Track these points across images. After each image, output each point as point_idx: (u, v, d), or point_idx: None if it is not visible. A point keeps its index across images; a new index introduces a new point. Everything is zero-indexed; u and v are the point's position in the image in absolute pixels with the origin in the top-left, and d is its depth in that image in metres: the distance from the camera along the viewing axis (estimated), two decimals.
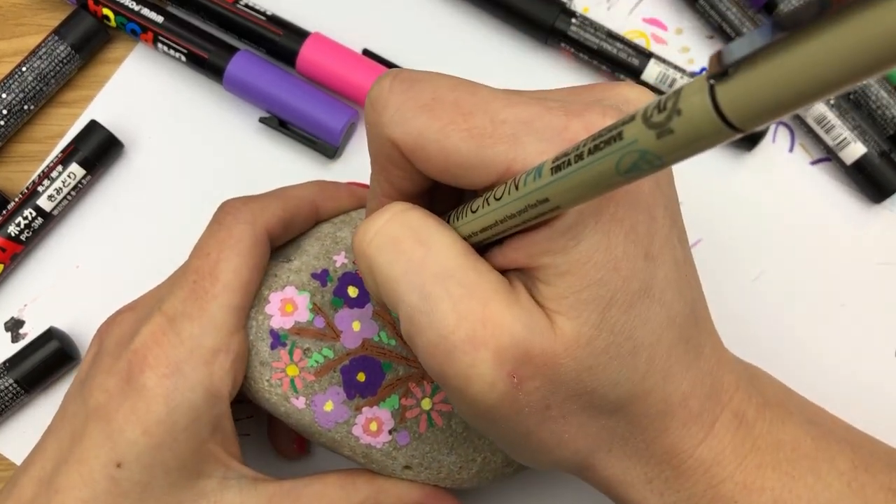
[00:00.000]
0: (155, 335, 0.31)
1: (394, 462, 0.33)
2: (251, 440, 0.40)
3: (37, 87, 0.42)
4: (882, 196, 0.41)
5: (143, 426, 0.30)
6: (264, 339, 0.33)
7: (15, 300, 0.42)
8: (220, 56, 0.41)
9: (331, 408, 0.33)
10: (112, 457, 0.30)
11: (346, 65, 0.41)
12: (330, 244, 0.34)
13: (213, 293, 0.31)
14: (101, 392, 0.30)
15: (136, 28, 0.42)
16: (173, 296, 0.31)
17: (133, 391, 0.30)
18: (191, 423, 0.30)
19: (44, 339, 0.40)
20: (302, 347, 0.33)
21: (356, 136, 0.43)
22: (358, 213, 0.35)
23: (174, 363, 0.30)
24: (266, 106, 0.42)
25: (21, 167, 0.43)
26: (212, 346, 0.31)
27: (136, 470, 0.30)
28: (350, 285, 0.33)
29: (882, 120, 0.40)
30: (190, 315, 0.31)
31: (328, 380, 0.33)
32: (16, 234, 0.40)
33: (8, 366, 0.40)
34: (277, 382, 0.32)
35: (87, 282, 0.42)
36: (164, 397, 0.30)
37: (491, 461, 0.34)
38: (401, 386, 0.33)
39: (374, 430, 0.33)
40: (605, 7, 0.44)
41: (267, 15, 0.42)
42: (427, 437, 0.33)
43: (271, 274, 0.33)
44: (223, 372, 0.31)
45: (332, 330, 0.33)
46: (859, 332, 0.41)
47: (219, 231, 0.32)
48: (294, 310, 0.33)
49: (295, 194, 0.34)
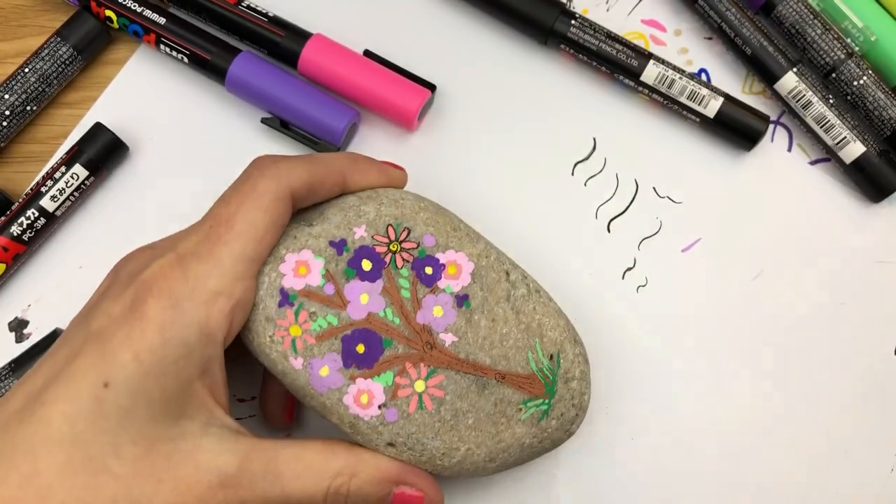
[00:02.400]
0: (163, 269, 0.31)
1: (378, 437, 0.34)
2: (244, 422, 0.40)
3: (39, 87, 0.42)
4: (881, 195, 0.41)
5: (134, 351, 0.30)
6: (273, 296, 0.33)
7: (19, 300, 0.42)
8: (222, 57, 0.42)
9: (326, 373, 0.33)
10: (101, 377, 0.30)
11: (348, 66, 0.42)
12: (353, 216, 0.35)
13: (224, 239, 0.32)
14: (104, 316, 0.31)
15: (138, 29, 0.42)
16: (188, 238, 0.32)
17: (133, 317, 0.30)
18: (180, 358, 0.31)
19: (49, 340, 0.40)
20: (308, 310, 0.33)
21: (358, 137, 0.43)
22: (385, 191, 0.36)
23: (175, 297, 0.31)
24: (268, 107, 0.42)
25: (24, 168, 0.43)
26: (213, 288, 0.31)
27: (122, 393, 0.30)
28: (365, 258, 0.34)
29: (879, 121, 0.41)
30: (199, 255, 0.32)
31: (328, 345, 0.33)
32: (18, 234, 0.40)
33: (13, 367, 0.40)
34: (279, 340, 0.33)
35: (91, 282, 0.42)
36: (160, 327, 0.30)
37: (474, 454, 0.34)
38: (398, 364, 0.34)
39: (365, 402, 0.33)
40: (605, 8, 0.44)
41: (269, 16, 0.42)
42: (415, 418, 0.34)
43: (290, 235, 0.34)
44: (221, 315, 0.31)
45: (340, 298, 0.34)
46: (859, 331, 0.41)
47: (244, 184, 0.33)
48: (307, 272, 0.34)
49: (326, 161, 0.35)
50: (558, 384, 0.35)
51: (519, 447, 0.35)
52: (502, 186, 0.42)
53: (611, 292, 0.42)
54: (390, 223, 0.35)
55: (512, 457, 0.35)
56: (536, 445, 0.35)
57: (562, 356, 0.35)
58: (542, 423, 0.35)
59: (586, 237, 0.42)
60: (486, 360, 0.34)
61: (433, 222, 0.35)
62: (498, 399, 0.34)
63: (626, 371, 0.41)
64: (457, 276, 0.35)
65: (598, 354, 0.40)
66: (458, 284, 0.35)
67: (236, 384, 0.34)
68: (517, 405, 0.35)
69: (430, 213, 0.35)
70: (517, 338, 0.35)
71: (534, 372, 0.35)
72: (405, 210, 0.35)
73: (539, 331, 0.35)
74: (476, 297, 0.35)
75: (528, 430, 0.35)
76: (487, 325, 0.35)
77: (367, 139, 0.43)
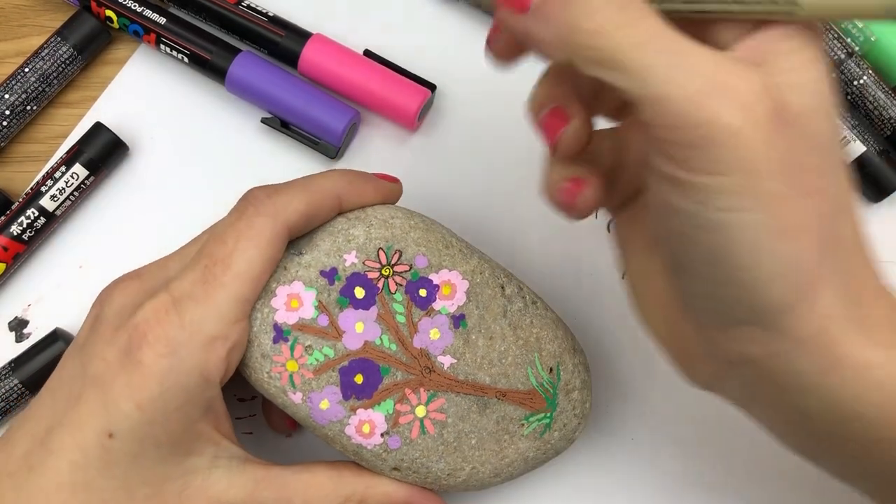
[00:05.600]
0: (158, 313, 0.31)
1: (383, 463, 0.34)
2: (245, 421, 0.40)
3: (39, 87, 0.42)
4: (881, 195, 0.41)
5: (136, 401, 0.30)
6: (267, 332, 0.33)
7: (19, 300, 0.42)
8: (222, 57, 0.42)
9: (326, 406, 0.33)
10: (105, 426, 0.30)
11: (348, 65, 0.42)
12: (342, 241, 0.34)
13: (222, 281, 0.31)
14: (99, 360, 0.31)
15: (138, 29, 0.42)
16: (183, 277, 0.32)
17: (130, 365, 0.30)
18: (183, 404, 0.31)
19: (49, 340, 0.40)
20: (303, 344, 0.33)
21: (358, 137, 0.43)
22: (374, 210, 0.35)
23: (172, 344, 0.30)
24: (268, 107, 0.42)
25: (24, 167, 0.43)
26: (211, 333, 0.31)
27: (128, 441, 0.30)
28: (357, 286, 0.34)
29: (879, 121, 0.41)
30: (196, 299, 0.31)
31: (326, 378, 0.33)
32: (18, 233, 0.40)
33: (13, 366, 0.40)
34: (277, 376, 0.33)
35: (91, 282, 0.42)
36: (159, 376, 0.30)
37: (479, 472, 0.34)
38: (397, 391, 0.33)
39: (367, 431, 0.33)
40: None
41: (269, 16, 0.42)
42: (418, 443, 0.34)
43: (281, 266, 0.33)
44: (218, 359, 0.31)
45: (334, 329, 0.33)
46: None
47: (239, 221, 0.32)
48: (299, 305, 0.33)
49: (320, 188, 0.34)
50: (559, 396, 0.35)
51: (523, 461, 0.35)
52: (502, 186, 0.42)
53: (610, 294, 0.41)
54: (381, 246, 0.34)
55: (517, 470, 0.35)
56: (540, 457, 0.35)
57: (561, 368, 0.35)
58: (545, 437, 0.35)
59: (586, 238, 0.42)
60: (486, 379, 0.34)
61: (424, 241, 0.35)
62: (500, 417, 0.34)
63: (627, 372, 0.41)
64: (451, 297, 0.34)
65: (599, 357, 0.40)
66: (453, 304, 0.34)
67: (236, 384, 0.34)
68: (519, 421, 0.35)
69: (421, 231, 0.35)
70: (516, 354, 0.35)
71: (534, 387, 0.35)
72: (395, 231, 0.34)
73: (537, 345, 0.35)
74: (472, 316, 0.34)
75: (532, 444, 0.35)
76: (485, 343, 0.34)
77: (367, 139, 0.43)
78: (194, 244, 0.34)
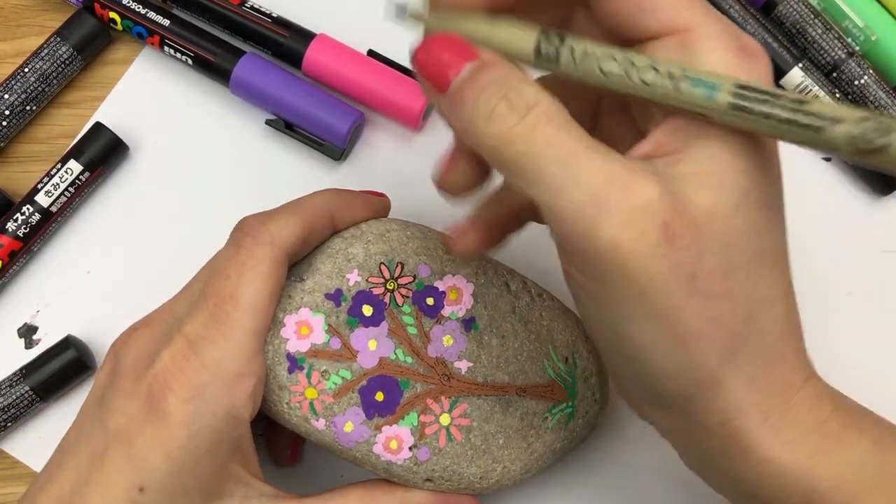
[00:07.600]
0: (176, 359, 0.30)
1: (415, 476, 0.33)
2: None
3: (39, 87, 0.42)
4: (889, 188, 0.42)
5: (165, 452, 0.29)
6: (282, 364, 0.32)
7: (27, 305, 0.41)
8: (226, 59, 0.41)
9: (351, 428, 0.32)
10: (134, 482, 0.29)
11: (352, 66, 0.42)
12: (342, 262, 0.33)
13: (235, 317, 0.31)
14: (121, 415, 0.30)
15: (142, 31, 0.42)
16: (193, 319, 0.31)
17: (155, 416, 0.30)
18: (212, 446, 0.30)
19: (60, 347, 0.39)
20: (319, 370, 0.32)
21: (362, 138, 0.43)
22: (369, 226, 0.35)
23: (196, 388, 0.30)
24: (272, 108, 0.42)
25: (24, 167, 0.42)
26: (234, 371, 0.30)
27: (158, 494, 0.30)
28: (364, 304, 0.33)
29: None
30: (212, 339, 0.30)
31: (347, 401, 0.32)
32: (13, 230, 0.40)
33: (24, 373, 0.39)
34: (297, 405, 0.32)
35: (99, 287, 0.41)
36: (186, 422, 0.30)
37: (510, 470, 0.34)
38: (419, 403, 0.33)
39: (395, 448, 0.33)
40: None
41: (273, 17, 0.42)
42: (447, 451, 0.33)
43: (285, 295, 0.33)
44: (245, 396, 0.31)
45: (348, 350, 0.33)
46: (866, 321, 0.41)
47: (238, 253, 0.32)
48: (310, 332, 0.33)
49: (312, 207, 0.33)
50: (578, 384, 0.35)
51: (551, 453, 0.35)
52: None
53: None
54: (382, 261, 0.34)
55: (546, 463, 0.35)
56: (567, 447, 0.35)
57: (577, 356, 0.35)
58: (570, 425, 0.35)
59: None
60: (505, 378, 0.34)
61: (424, 250, 0.34)
62: (523, 413, 0.34)
63: None
64: (459, 301, 0.34)
65: None
66: (462, 308, 0.34)
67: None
68: (542, 415, 0.34)
69: (419, 240, 0.35)
70: (530, 349, 0.34)
71: (552, 379, 0.35)
72: (393, 243, 0.34)
73: (550, 336, 0.35)
74: (482, 318, 0.34)
75: (558, 436, 0.35)
76: (499, 343, 0.34)
77: (372, 140, 0.43)
78: (196, 282, 0.33)
